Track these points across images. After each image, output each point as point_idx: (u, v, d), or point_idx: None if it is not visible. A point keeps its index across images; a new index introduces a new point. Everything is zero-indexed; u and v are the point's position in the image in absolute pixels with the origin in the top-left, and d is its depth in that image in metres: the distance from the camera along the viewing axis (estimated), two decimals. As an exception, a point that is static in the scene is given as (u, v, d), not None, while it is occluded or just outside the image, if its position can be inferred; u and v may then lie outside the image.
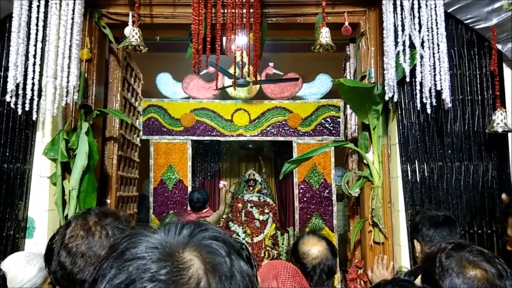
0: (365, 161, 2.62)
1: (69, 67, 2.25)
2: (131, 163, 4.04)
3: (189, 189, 4.86)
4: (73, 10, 2.25)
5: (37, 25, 2.19)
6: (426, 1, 2.20)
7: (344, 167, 4.09)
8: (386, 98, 2.32)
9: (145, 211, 6.47)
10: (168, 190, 4.87)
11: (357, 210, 2.94)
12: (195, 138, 4.91)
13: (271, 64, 4.89)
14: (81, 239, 1.03)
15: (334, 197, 4.88)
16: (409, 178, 2.38)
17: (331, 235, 4.73)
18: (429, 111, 2.20)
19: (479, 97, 2.40)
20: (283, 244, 5.34)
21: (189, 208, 4.25)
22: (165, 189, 4.87)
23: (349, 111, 3.04)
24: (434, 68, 2.20)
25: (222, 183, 4.39)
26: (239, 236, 5.15)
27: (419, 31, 2.19)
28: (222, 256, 0.51)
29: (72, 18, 2.24)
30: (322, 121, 4.87)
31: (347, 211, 3.54)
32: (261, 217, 5.28)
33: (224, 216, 5.51)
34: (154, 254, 0.47)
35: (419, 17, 2.19)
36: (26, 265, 1.41)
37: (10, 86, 2.14)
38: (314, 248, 1.65)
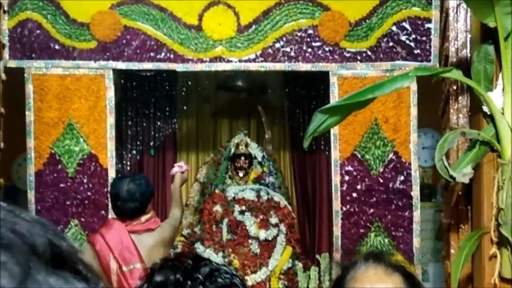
0: (485, 108, 2.60)
1: None
2: (-14, 116, 3.98)
3: (111, 174, 4.85)
4: None
5: None
6: None
7: (441, 127, 4.01)
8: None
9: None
10: (67, 177, 4.86)
11: (466, 213, 2.93)
12: (121, 66, 4.86)
13: None
14: None
15: (416, 191, 4.90)
16: None
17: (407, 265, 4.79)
18: None
19: None
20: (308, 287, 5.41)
21: (111, 215, 4.24)
22: (60, 174, 4.85)
23: (452, 1, 2.93)
24: None
25: (177, 166, 4.36)
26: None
27: None
28: None
29: None
30: (394, 28, 4.80)
31: (444, 217, 3.53)
32: (262, 234, 5.31)
33: (185, 232, 5.54)
34: None
35: None
36: None
37: None
38: (378, 287, 1.75)
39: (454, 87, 2.95)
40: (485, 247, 2.68)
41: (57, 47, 4.81)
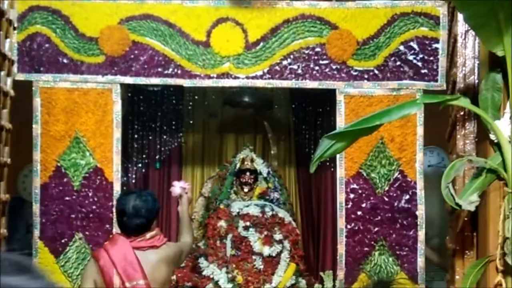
0: (492, 136, 2.59)
1: None
2: (-6, 131, 3.99)
3: (116, 188, 4.86)
4: None
5: None
6: None
7: (447, 147, 4.01)
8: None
9: (24, 231, 6.43)
10: (72, 190, 4.87)
11: (471, 239, 2.92)
12: (129, 80, 4.87)
13: None
14: None
15: (421, 211, 4.89)
16: None
17: (414, 289, 4.77)
18: None
19: None
20: (311, 306, 5.40)
21: (116, 230, 4.24)
22: (65, 187, 4.86)
23: (461, 27, 2.94)
24: None
25: (178, 186, 4.28)
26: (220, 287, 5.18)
27: None
28: None
29: None
30: (401, 48, 4.81)
31: (449, 241, 3.52)
32: (266, 250, 5.29)
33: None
34: None
35: None
36: None
37: None
38: None
39: (461, 113, 2.95)
40: (490, 275, 2.68)
41: (65, 61, 4.83)
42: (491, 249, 2.67)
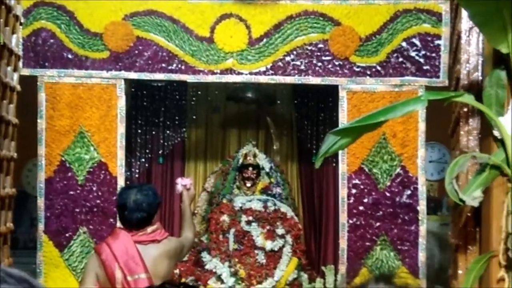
0: (496, 132, 2.60)
1: None
2: (1, 126, 3.98)
3: (120, 182, 4.86)
4: None
5: None
6: None
7: (447, 143, 4.02)
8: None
9: (28, 225, 6.45)
10: (77, 184, 4.88)
11: (474, 234, 2.93)
12: (133, 76, 4.89)
13: None
14: None
15: (422, 206, 4.90)
16: None
17: (415, 284, 4.77)
18: None
19: None
20: (313, 299, 5.41)
21: (119, 224, 4.24)
22: (69, 181, 4.88)
23: (465, 24, 2.94)
24: None
25: (181, 183, 4.26)
26: (223, 281, 5.18)
27: None
28: None
29: None
30: (403, 44, 4.81)
31: (452, 236, 3.51)
32: (268, 244, 5.31)
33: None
34: None
35: None
36: None
37: None
38: None
39: (465, 109, 2.95)
40: (493, 270, 2.67)
41: (70, 56, 4.84)
42: (494, 244, 2.66)
